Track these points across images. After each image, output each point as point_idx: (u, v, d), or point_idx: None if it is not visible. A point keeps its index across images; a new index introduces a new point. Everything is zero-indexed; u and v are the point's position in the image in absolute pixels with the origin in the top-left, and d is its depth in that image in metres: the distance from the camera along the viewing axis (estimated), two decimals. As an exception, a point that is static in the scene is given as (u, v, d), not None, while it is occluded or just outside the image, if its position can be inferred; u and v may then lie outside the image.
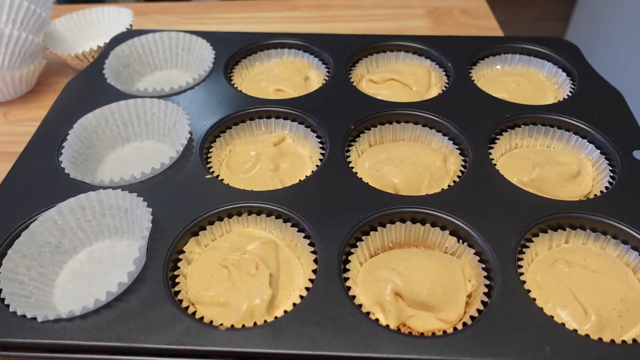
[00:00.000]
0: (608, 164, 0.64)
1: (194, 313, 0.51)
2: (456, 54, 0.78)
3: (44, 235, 0.57)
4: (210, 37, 0.81)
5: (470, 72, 0.76)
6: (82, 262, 0.58)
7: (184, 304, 0.51)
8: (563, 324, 0.48)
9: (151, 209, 0.55)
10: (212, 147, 0.67)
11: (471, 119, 0.68)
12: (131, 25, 0.87)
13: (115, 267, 0.57)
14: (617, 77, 2.02)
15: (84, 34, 0.91)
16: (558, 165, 0.63)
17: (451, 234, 0.57)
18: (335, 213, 0.57)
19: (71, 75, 0.84)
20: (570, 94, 0.73)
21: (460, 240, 0.56)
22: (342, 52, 0.78)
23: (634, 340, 0.48)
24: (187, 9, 1.02)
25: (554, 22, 3.16)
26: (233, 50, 0.79)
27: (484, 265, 0.54)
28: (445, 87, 0.74)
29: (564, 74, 0.76)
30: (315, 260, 0.54)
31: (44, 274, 0.56)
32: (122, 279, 0.50)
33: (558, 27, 2.98)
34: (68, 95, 0.72)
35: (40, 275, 0.55)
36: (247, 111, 0.70)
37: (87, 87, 0.73)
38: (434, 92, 0.76)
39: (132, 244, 0.59)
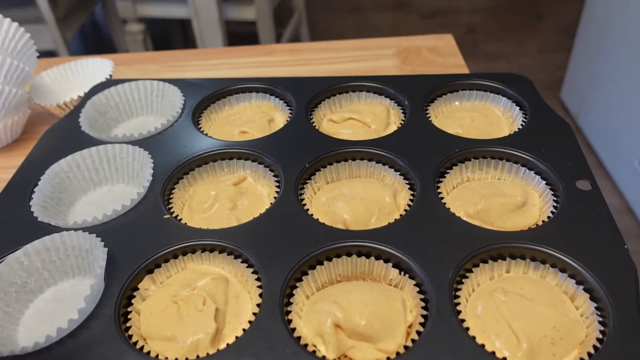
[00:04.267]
0: (553, 194, 0.66)
1: (142, 348, 0.53)
2: (414, 91, 0.81)
3: (10, 276, 0.60)
4: (182, 84, 0.86)
5: (427, 110, 0.80)
6: (46, 301, 0.61)
7: (134, 339, 0.54)
8: (493, 352, 0.50)
9: (107, 249, 0.59)
10: (174, 188, 0.70)
11: (420, 154, 0.70)
12: (111, 75, 0.92)
13: (77, 305, 0.60)
14: (621, 104, 2.03)
15: (68, 84, 0.96)
16: (504, 197, 0.65)
17: (394, 266, 0.59)
18: (282, 248, 0.60)
19: (55, 123, 0.88)
20: (520, 127, 0.75)
21: (402, 272, 0.58)
22: (304, 93, 0.82)
23: (562, 367, 0.49)
24: (167, 57, 1.07)
25: (558, 53, 3.20)
26: (203, 95, 0.84)
27: (423, 296, 0.56)
28: (401, 124, 0.77)
29: (517, 108, 0.78)
30: (262, 295, 0.56)
31: (9, 312, 0.59)
32: (72, 315, 0.53)
33: (561, 58, 3.02)
34: (44, 143, 0.77)
35: (5, 314, 0.59)
36: (209, 153, 0.73)
37: (63, 135, 0.78)
38: (392, 129, 0.79)
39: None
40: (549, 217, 0.63)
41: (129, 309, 0.57)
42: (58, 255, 0.62)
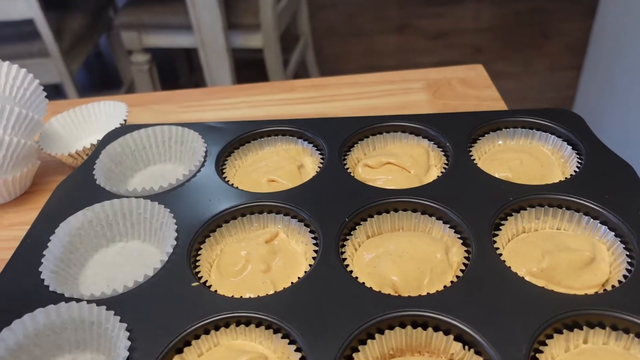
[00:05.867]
0: (624, 247, 0.59)
1: None
2: (454, 131, 0.75)
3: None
4: (202, 128, 0.80)
5: (470, 151, 0.73)
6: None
7: None
8: None
9: (126, 324, 0.52)
10: (201, 248, 0.64)
11: (471, 203, 0.64)
12: (125, 121, 0.86)
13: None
14: (636, 121, 1.96)
15: (80, 130, 0.90)
16: (569, 252, 0.59)
17: (456, 339, 0.52)
18: (329, 321, 0.53)
19: (67, 173, 0.83)
20: (577, 170, 0.68)
21: (467, 347, 0.51)
22: (336, 136, 0.76)
23: None
24: (184, 96, 1.02)
25: (566, 72, 3.16)
26: (225, 141, 0.78)
27: (493, 376, 0.49)
28: (444, 168, 0.71)
29: (569, 147, 0.72)
30: (308, 377, 0.49)
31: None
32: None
33: (570, 77, 2.97)
34: (57, 199, 0.71)
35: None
36: (237, 207, 0.67)
37: (76, 190, 0.72)
38: (434, 173, 0.73)
39: (96, 357, 0.56)
40: (625, 276, 0.56)
41: (157, 398, 0.50)
42: (53, 330, 0.55)
